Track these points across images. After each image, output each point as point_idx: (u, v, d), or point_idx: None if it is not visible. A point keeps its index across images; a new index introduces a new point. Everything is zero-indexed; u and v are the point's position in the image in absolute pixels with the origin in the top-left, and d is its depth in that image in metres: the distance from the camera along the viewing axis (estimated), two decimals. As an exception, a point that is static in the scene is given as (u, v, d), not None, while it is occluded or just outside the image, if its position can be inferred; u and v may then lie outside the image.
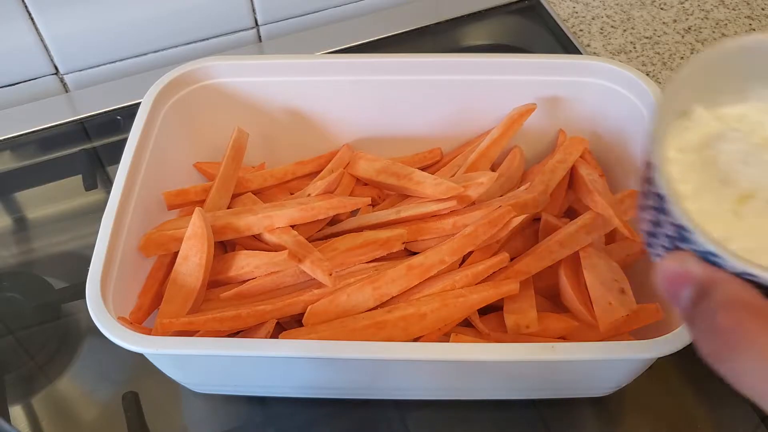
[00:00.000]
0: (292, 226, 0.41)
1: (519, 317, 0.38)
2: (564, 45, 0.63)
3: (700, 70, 0.25)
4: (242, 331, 0.38)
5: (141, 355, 0.35)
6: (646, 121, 0.43)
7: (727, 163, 0.24)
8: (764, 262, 0.21)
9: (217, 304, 0.39)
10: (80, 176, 0.55)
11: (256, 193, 0.46)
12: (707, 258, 0.21)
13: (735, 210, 0.23)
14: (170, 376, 0.40)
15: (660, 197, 0.23)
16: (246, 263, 0.40)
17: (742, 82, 0.26)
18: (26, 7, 0.55)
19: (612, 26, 0.65)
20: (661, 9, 0.66)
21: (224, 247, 0.43)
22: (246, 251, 0.40)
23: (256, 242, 0.42)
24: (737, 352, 0.20)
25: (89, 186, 0.54)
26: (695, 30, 0.64)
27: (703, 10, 0.66)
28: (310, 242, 0.40)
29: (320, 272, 0.37)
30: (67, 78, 0.61)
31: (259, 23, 0.64)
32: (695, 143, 0.25)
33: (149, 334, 0.35)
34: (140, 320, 0.38)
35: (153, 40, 0.62)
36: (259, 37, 0.65)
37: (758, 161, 0.24)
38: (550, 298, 0.41)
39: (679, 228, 0.22)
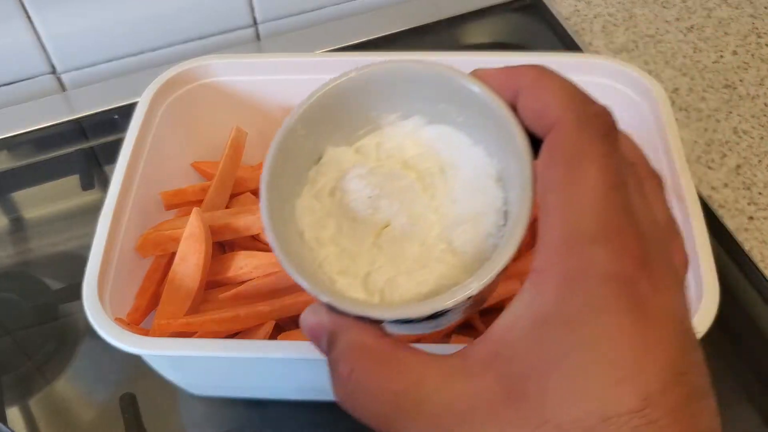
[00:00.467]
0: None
1: (520, 318, 0.38)
2: (565, 43, 0.62)
3: (315, 115, 0.25)
4: (241, 332, 0.38)
5: (138, 357, 0.35)
6: (647, 120, 0.42)
7: (358, 200, 0.24)
8: (405, 286, 0.22)
9: (216, 305, 0.39)
10: (77, 176, 0.55)
11: (254, 192, 0.45)
12: (335, 307, 0.22)
13: (375, 243, 0.24)
14: (168, 377, 0.40)
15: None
16: (244, 264, 0.39)
17: (366, 112, 0.26)
18: (23, 5, 0.55)
19: (614, 24, 0.64)
20: (664, 7, 0.66)
21: (223, 247, 0.43)
22: (245, 251, 0.40)
23: (254, 242, 0.42)
24: (355, 397, 0.22)
25: (86, 186, 0.54)
26: (698, 28, 0.64)
27: (705, 8, 0.65)
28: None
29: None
30: (64, 77, 0.61)
31: (257, 21, 0.64)
32: (330, 186, 0.25)
33: (147, 335, 0.34)
34: (138, 321, 0.38)
35: (150, 38, 0.61)
36: (258, 35, 0.65)
37: (391, 189, 0.24)
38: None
39: None
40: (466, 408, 0.19)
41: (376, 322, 0.22)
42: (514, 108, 0.22)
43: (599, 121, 0.20)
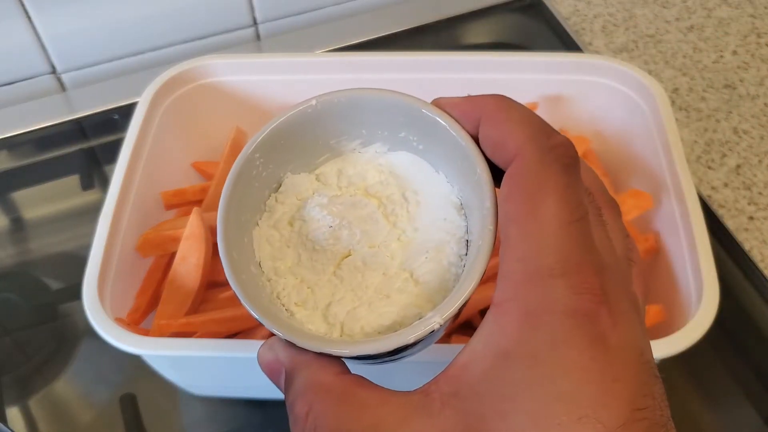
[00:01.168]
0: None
1: (520, 318, 0.38)
2: (566, 43, 0.62)
3: (274, 143, 0.25)
4: (241, 332, 0.38)
5: (139, 357, 0.35)
6: (647, 120, 0.42)
7: (319, 230, 0.24)
8: (366, 318, 0.22)
9: (216, 305, 0.39)
10: (77, 176, 0.55)
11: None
12: (294, 342, 0.21)
13: (336, 273, 0.23)
14: (168, 378, 0.40)
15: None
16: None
17: (327, 140, 0.25)
18: (23, 5, 0.55)
19: (614, 24, 0.64)
20: (664, 7, 0.66)
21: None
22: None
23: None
24: (314, 427, 0.20)
25: (86, 186, 0.54)
26: (698, 28, 0.64)
27: (705, 8, 0.65)
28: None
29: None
30: (64, 77, 0.61)
31: (257, 21, 0.64)
32: (289, 215, 0.25)
33: (147, 335, 0.34)
34: (138, 321, 0.38)
35: (151, 38, 0.61)
36: (258, 35, 0.65)
37: (352, 218, 0.24)
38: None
39: None
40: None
41: (336, 358, 0.21)
42: (475, 138, 0.22)
43: (561, 153, 0.20)
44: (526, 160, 0.20)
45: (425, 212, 0.24)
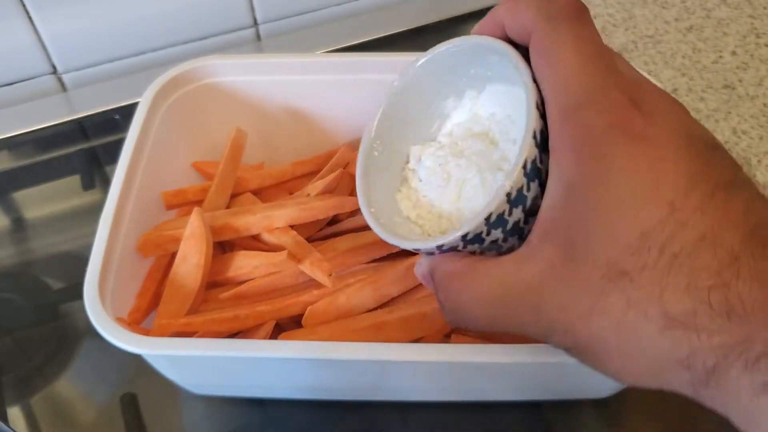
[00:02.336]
0: (292, 226, 0.41)
1: (520, 318, 0.38)
2: (565, 44, 0.62)
3: (385, 129, 0.31)
4: (241, 332, 0.38)
5: (139, 357, 0.35)
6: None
7: (434, 173, 0.29)
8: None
9: (216, 305, 0.39)
10: (78, 176, 0.55)
11: (255, 192, 0.45)
12: (417, 249, 0.26)
13: (455, 201, 0.28)
14: (169, 377, 0.40)
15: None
16: (245, 264, 0.39)
17: (426, 110, 0.31)
18: (24, 5, 0.55)
19: (614, 25, 0.65)
20: (663, 8, 0.66)
21: (223, 247, 0.43)
22: (245, 252, 0.40)
23: (255, 242, 0.42)
24: (457, 314, 0.25)
25: (87, 186, 0.54)
26: (697, 29, 0.64)
27: (704, 8, 0.66)
28: (309, 242, 0.40)
29: (319, 273, 0.37)
30: (65, 77, 0.61)
31: (258, 22, 0.64)
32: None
33: (147, 335, 0.35)
34: (138, 321, 0.38)
35: (151, 38, 0.61)
36: (259, 35, 0.65)
37: (460, 155, 0.29)
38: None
39: None
40: (539, 282, 0.22)
41: (457, 250, 0.25)
42: (509, 41, 0.26)
43: (567, 10, 0.23)
44: (539, 29, 0.23)
45: (519, 127, 0.28)
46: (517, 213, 0.24)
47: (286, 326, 0.39)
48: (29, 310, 0.47)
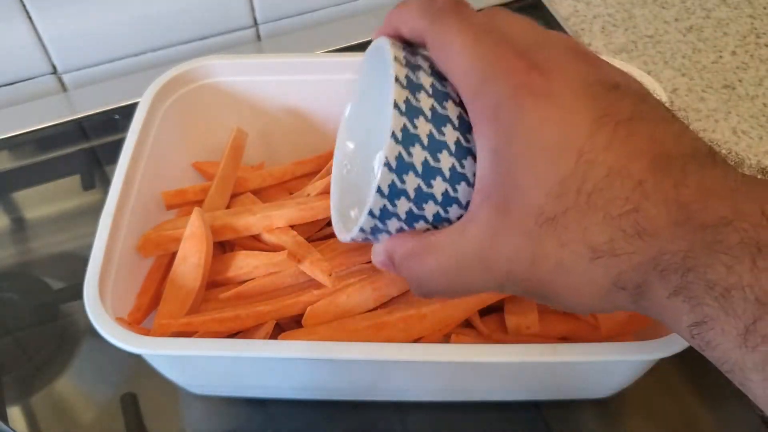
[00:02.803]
0: (292, 226, 0.41)
1: (520, 318, 0.38)
2: (565, 44, 0.62)
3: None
4: (241, 331, 0.38)
5: (139, 357, 0.35)
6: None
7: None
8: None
9: (216, 305, 0.39)
10: (78, 176, 0.55)
11: (255, 192, 0.45)
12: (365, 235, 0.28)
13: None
14: (169, 377, 0.40)
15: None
16: (244, 264, 0.39)
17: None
18: (24, 6, 0.55)
19: (613, 25, 0.65)
20: (663, 8, 0.66)
21: (223, 247, 0.43)
22: (244, 251, 0.40)
23: (255, 242, 0.42)
24: (423, 286, 0.27)
25: (87, 186, 0.54)
26: (697, 29, 0.64)
27: (704, 9, 0.66)
28: (309, 242, 0.40)
29: (319, 273, 0.37)
30: (65, 77, 0.61)
31: (258, 22, 0.64)
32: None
33: (147, 335, 0.35)
34: (138, 321, 0.38)
35: (151, 39, 0.61)
36: (258, 35, 0.65)
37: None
38: (552, 299, 0.41)
39: None
40: (484, 242, 0.24)
41: (409, 232, 0.27)
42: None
43: (445, 6, 0.25)
44: (427, 30, 0.26)
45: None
46: (439, 185, 0.26)
47: (286, 326, 0.39)
48: (29, 310, 0.47)
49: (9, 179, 0.56)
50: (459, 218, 0.26)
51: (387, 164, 0.25)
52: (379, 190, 0.26)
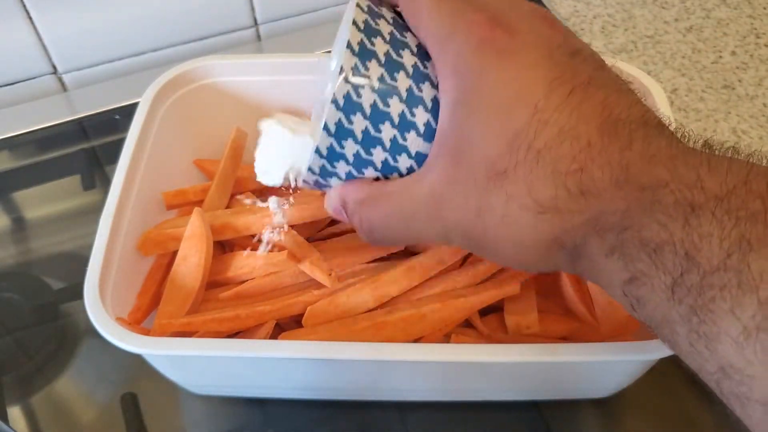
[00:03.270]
0: (292, 226, 0.41)
1: (520, 318, 0.38)
2: (565, 44, 0.62)
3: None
4: (241, 331, 0.38)
5: (140, 356, 0.35)
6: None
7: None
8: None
9: (216, 305, 0.39)
10: (78, 176, 0.55)
11: (254, 192, 0.45)
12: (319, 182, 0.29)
13: None
14: (169, 377, 0.40)
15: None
16: (245, 264, 0.39)
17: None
18: (24, 6, 0.55)
19: (613, 25, 0.65)
20: (663, 8, 0.66)
21: (223, 247, 0.43)
22: (245, 252, 0.40)
23: (255, 242, 0.42)
24: (374, 233, 0.28)
25: (87, 186, 0.54)
26: (696, 29, 0.64)
27: (704, 9, 0.66)
28: (309, 242, 0.40)
29: (319, 273, 0.37)
30: (65, 77, 0.61)
31: (258, 22, 0.64)
32: None
33: (148, 334, 0.35)
34: (139, 321, 0.38)
35: (151, 39, 0.61)
36: (259, 36, 0.65)
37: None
38: (552, 299, 0.41)
39: None
40: (436, 189, 0.25)
41: (363, 180, 0.28)
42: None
43: None
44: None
45: None
46: (388, 130, 0.26)
47: (286, 326, 0.39)
48: (29, 310, 0.47)
49: (9, 179, 0.56)
50: (409, 170, 0.27)
51: (335, 101, 0.25)
52: (326, 128, 0.26)
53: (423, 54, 0.26)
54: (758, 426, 0.19)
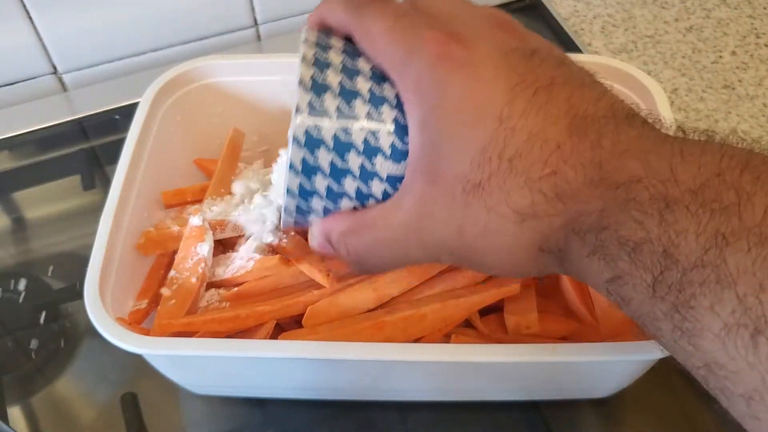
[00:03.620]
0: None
1: (520, 318, 0.38)
2: (565, 44, 0.62)
3: None
4: (241, 331, 0.38)
5: (140, 356, 0.35)
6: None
7: None
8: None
9: (216, 305, 0.39)
10: (78, 176, 0.55)
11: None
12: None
13: None
14: (169, 377, 0.40)
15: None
16: (239, 266, 0.39)
17: None
18: (24, 6, 0.55)
19: (613, 25, 0.65)
20: (663, 8, 0.66)
21: (223, 246, 0.43)
22: (240, 253, 0.40)
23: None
24: (363, 262, 0.28)
25: (87, 186, 0.54)
26: (697, 29, 0.64)
27: (704, 9, 0.66)
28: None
29: (317, 273, 0.37)
30: (65, 77, 0.61)
31: (258, 22, 0.64)
32: None
33: (148, 334, 0.35)
34: (139, 321, 0.38)
35: (151, 39, 0.61)
36: (259, 36, 0.65)
37: None
38: (551, 299, 0.41)
39: None
40: (416, 212, 0.25)
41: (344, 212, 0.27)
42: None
43: (362, 2, 0.27)
44: (351, 22, 0.27)
45: None
46: (354, 159, 0.26)
47: (286, 326, 0.39)
48: (29, 310, 0.47)
49: (9, 179, 0.56)
50: (384, 194, 0.27)
51: (296, 140, 0.25)
52: (292, 167, 0.25)
53: (378, 77, 0.26)
54: (743, 419, 0.20)
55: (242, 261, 0.39)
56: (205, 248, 0.38)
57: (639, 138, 0.22)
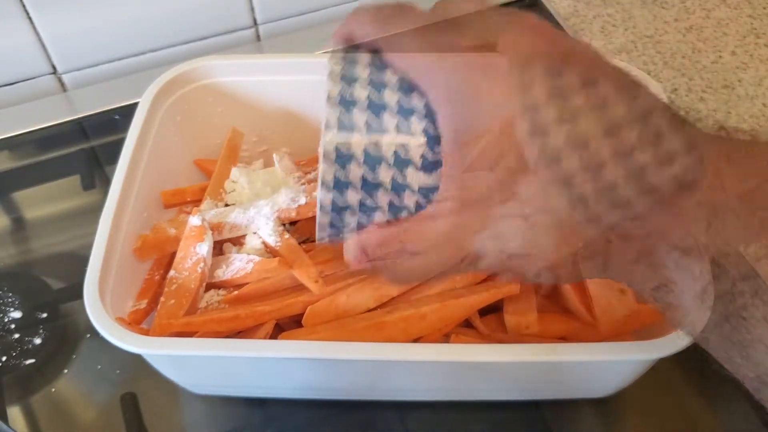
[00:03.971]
0: (293, 223, 0.41)
1: (519, 318, 0.38)
2: (564, 44, 0.62)
3: None
4: (241, 331, 0.38)
5: (139, 356, 0.35)
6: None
7: None
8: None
9: (216, 305, 0.39)
10: (78, 176, 0.55)
11: (254, 192, 0.45)
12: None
13: None
14: (169, 377, 0.40)
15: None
16: (239, 268, 0.39)
17: None
18: (24, 6, 0.55)
19: (613, 25, 0.65)
20: (662, 8, 0.66)
21: (221, 247, 0.43)
22: (240, 255, 0.40)
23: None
24: (401, 275, 0.27)
25: (87, 186, 0.54)
26: (696, 29, 0.64)
27: (704, 9, 0.66)
28: (309, 242, 0.40)
29: (307, 278, 0.37)
30: (65, 77, 0.61)
31: (258, 22, 0.64)
32: None
33: (147, 334, 0.35)
34: (138, 321, 0.38)
35: (151, 39, 0.61)
36: (258, 36, 0.65)
37: None
38: (551, 299, 0.41)
39: None
40: (453, 221, 0.25)
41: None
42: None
43: (393, 12, 0.27)
44: (373, 35, 0.26)
45: None
46: (385, 172, 0.25)
47: (286, 326, 0.39)
48: (29, 310, 0.47)
49: (9, 179, 0.56)
50: (418, 206, 0.26)
51: (326, 156, 0.25)
52: (324, 184, 0.25)
53: (405, 88, 0.26)
54: None
55: (241, 263, 0.39)
56: (204, 248, 0.38)
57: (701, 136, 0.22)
